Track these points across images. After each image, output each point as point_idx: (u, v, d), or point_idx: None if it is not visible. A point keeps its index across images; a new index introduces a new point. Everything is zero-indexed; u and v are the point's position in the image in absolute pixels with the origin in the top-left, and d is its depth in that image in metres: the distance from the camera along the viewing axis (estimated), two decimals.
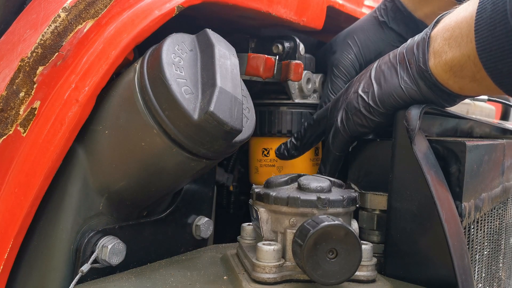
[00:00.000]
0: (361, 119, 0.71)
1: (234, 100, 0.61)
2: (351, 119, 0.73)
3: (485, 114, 1.37)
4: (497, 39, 0.54)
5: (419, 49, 0.65)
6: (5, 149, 0.61)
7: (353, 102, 0.72)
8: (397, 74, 0.68)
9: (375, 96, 0.69)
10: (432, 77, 0.64)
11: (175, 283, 0.62)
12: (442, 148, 0.64)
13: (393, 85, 0.68)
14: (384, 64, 0.70)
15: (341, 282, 0.54)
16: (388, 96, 0.68)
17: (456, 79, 0.62)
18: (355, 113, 0.72)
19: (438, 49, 0.63)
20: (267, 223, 0.62)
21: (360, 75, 0.75)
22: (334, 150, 0.77)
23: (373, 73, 0.71)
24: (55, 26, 0.61)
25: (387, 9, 0.93)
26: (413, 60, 0.66)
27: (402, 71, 0.67)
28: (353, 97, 0.73)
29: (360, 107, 0.71)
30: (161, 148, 0.62)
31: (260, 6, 0.77)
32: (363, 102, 0.71)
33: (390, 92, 0.68)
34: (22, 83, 0.60)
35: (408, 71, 0.66)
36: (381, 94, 0.69)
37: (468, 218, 0.65)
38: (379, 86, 0.69)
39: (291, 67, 0.84)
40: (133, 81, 0.63)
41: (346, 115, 0.74)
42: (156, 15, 0.65)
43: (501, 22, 0.54)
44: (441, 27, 0.64)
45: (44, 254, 0.63)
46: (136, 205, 0.70)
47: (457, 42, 0.60)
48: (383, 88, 0.69)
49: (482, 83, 0.60)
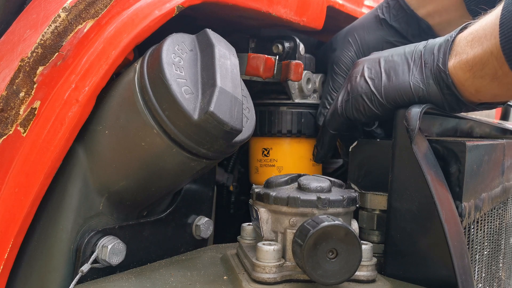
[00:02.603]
0: (361, 105, 0.71)
1: (234, 100, 0.61)
2: (351, 101, 0.73)
3: (485, 114, 1.37)
4: None
5: (440, 50, 0.65)
6: (5, 149, 0.61)
7: (357, 86, 0.72)
8: (409, 70, 0.67)
9: (381, 87, 0.69)
10: (448, 78, 0.64)
11: (175, 283, 0.62)
12: (442, 148, 0.64)
13: (402, 80, 0.67)
14: (398, 56, 0.70)
15: (341, 282, 0.54)
16: (394, 90, 0.68)
17: (475, 80, 0.62)
18: (355, 96, 0.72)
19: (460, 51, 0.63)
20: (267, 223, 0.62)
21: (367, 59, 0.74)
22: (329, 128, 0.78)
23: (383, 62, 0.71)
24: (55, 26, 0.61)
25: (390, 7, 0.93)
26: (430, 59, 0.66)
27: (415, 68, 0.67)
28: (359, 81, 0.72)
29: (362, 93, 0.71)
30: (161, 148, 0.62)
31: (260, 6, 0.77)
32: (367, 88, 0.71)
33: (397, 86, 0.68)
34: (22, 83, 0.60)
35: (422, 70, 0.66)
36: (387, 86, 0.69)
37: (468, 218, 0.65)
38: (388, 77, 0.69)
39: (291, 67, 0.84)
40: (133, 81, 0.63)
41: (347, 96, 0.74)
42: (156, 15, 0.65)
43: None
44: (466, 32, 0.64)
45: (44, 254, 0.63)
46: (136, 205, 0.70)
47: (480, 41, 0.60)
48: (392, 80, 0.68)
49: (503, 80, 0.60)
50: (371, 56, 0.76)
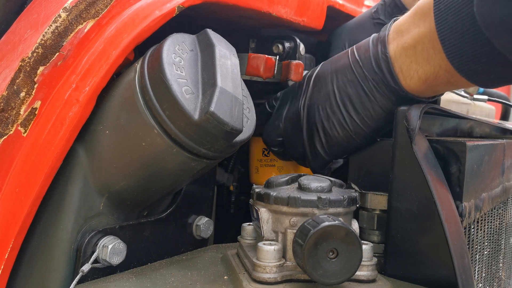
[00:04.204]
0: (341, 143, 0.73)
1: (234, 100, 0.61)
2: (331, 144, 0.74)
3: (485, 114, 1.37)
4: (466, 44, 0.57)
5: (382, 68, 0.67)
6: (5, 149, 0.61)
7: (327, 129, 0.73)
8: (368, 97, 0.69)
9: (348, 126, 0.71)
10: (408, 94, 0.66)
11: (176, 283, 0.62)
12: (442, 148, 0.64)
13: (369, 110, 0.69)
14: (349, 84, 0.71)
15: (342, 282, 0.54)
16: (363, 122, 0.70)
17: (432, 87, 0.65)
18: (332, 140, 0.73)
19: (406, 68, 0.65)
20: (268, 223, 0.62)
21: (317, 90, 0.75)
22: (317, 170, 0.78)
23: (337, 95, 0.72)
24: (56, 26, 0.61)
25: (385, 5, 0.93)
26: (378, 78, 0.67)
27: (373, 94, 0.69)
28: (327, 125, 0.73)
29: (339, 136, 0.72)
30: (162, 148, 0.62)
31: (260, 6, 0.77)
32: (338, 131, 0.72)
33: (367, 117, 0.70)
34: (23, 83, 0.60)
35: (379, 91, 0.68)
36: (355, 123, 0.71)
37: (468, 218, 0.65)
38: (349, 114, 0.71)
39: (291, 67, 0.84)
40: (133, 81, 0.63)
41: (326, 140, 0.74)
42: (156, 15, 0.65)
43: (470, 29, 0.56)
44: (399, 46, 0.66)
45: (44, 254, 0.63)
46: (136, 205, 0.70)
47: (423, 57, 0.63)
48: (358, 114, 0.70)
49: (457, 84, 0.63)
50: (316, 83, 0.76)
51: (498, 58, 0.56)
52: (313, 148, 0.75)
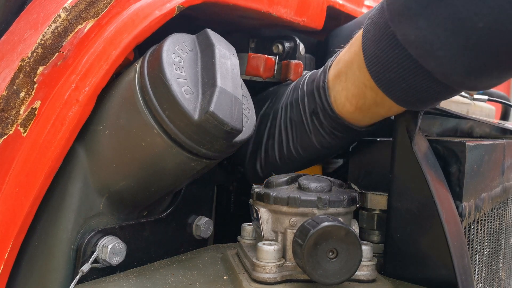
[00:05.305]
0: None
1: (234, 100, 0.61)
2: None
3: (485, 114, 1.37)
4: (381, 50, 0.56)
5: (321, 97, 0.68)
6: (5, 149, 0.61)
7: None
8: (305, 126, 0.71)
9: (283, 149, 0.73)
10: (345, 122, 0.67)
11: (175, 283, 0.62)
12: (442, 148, 0.64)
13: (304, 140, 0.71)
14: (295, 119, 0.72)
15: (342, 282, 0.54)
16: (296, 150, 0.72)
17: (363, 112, 0.65)
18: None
19: (339, 95, 0.66)
20: (267, 223, 0.62)
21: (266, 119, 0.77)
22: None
23: (283, 115, 0.74)
24: (56, 26, 0.61)
25: None
26: (318, 107, 0.68)
27: (308, 125, 0.70)
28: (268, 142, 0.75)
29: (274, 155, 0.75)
30: (162, 148, 0.62)
31: (260, 6, 0.77)
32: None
33: (301, 147, 0.72)
34: (23, 83, 0.60)
35: (319, 119, 0.69)
36: (289, 149, 0.73)
37: (468, 218, 0.65)
38: (287, 137, 0.73)
39: (291, 67, 0.84)
40: (133, 81, 0.63)
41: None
42: (156, 15, 0.65)
43: (385, 33, 0.55)
44: (334, 74, 0.66)
45: (44, 254, 0.63)
46: (136, 205, 0.70)
47: (352, 81, 0.63)
48: (293, 141, 0.72)
49: (384, 104, 0.61)
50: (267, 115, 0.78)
51: (406, 62, 0.54)
52: (253, 163, 0.79)
